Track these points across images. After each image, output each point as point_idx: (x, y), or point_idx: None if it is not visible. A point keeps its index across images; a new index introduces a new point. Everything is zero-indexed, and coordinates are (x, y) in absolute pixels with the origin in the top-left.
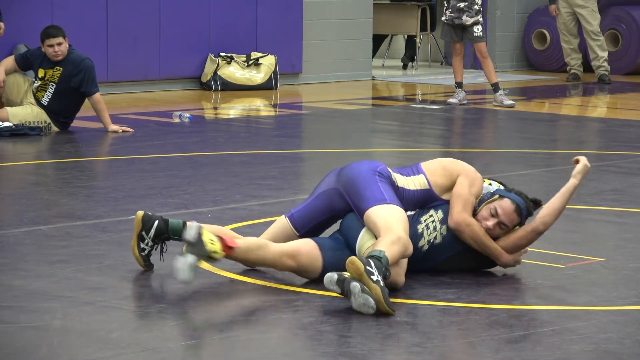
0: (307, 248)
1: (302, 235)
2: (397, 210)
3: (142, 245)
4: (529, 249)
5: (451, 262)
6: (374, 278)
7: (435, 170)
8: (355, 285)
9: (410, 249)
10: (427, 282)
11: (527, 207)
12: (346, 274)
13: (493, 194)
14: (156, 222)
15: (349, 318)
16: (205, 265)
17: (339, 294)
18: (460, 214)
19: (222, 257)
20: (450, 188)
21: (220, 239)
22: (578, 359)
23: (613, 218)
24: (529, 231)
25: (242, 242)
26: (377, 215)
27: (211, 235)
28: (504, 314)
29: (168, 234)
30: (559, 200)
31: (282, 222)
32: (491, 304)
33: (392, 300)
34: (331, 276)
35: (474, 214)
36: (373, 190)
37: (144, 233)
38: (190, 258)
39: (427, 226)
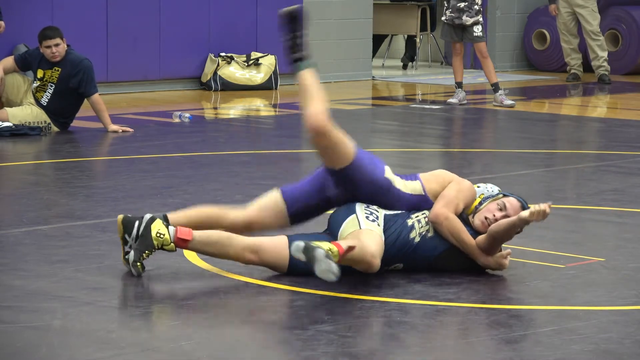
0: (271, 244)
1: (292, 214)
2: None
3: (126, 249)
4: (528, 249)
5: (446, 257)
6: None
7: (430, 178)
8: (320, 251)
9: (372, 269)
10: (427, 282)
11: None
12: (315, 243)
13: (496, 194)
14: (136, 223)
15: (349, 318)
16: (205, 265)
17: (304, 261)
18: (440, 209)
19: (175, 249)
20: (441, 190)
21: (176, 230)
22: (578, 359)
23: (613, 218)
24: (487, 232)
25: (199, 234)
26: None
27: (160, 228)
28: (504, 314)
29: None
30: (504, 224)
31: (273, 195)
32: (491, 304)
33: (390, 299)
34: (298, 244)
35: (475, 212)
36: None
37: (126, 236)
38: (130, 255)
39: (418, 220)
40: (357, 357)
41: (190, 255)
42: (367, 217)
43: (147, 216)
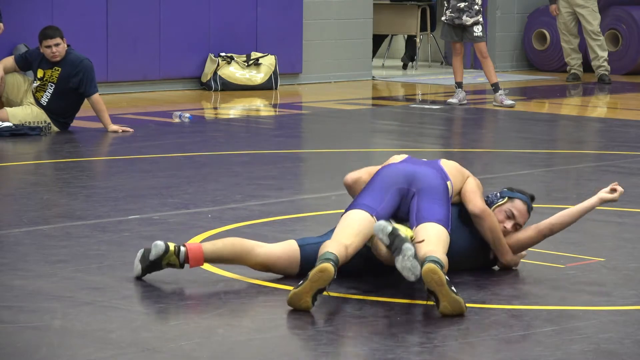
0: (281, 259)
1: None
2: (448, 238)
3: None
4: (529, 249)
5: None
6: (454, 289)
7: (455, 176)
8: (409, 248)
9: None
10: None
11: (531, 204)
12: (400, 229)
13: (499, 195)
14: (152, 252)
15: (349, 318)
16: (205, 265)
17: (386, 245)
18: (483, 203)
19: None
20: (461, 185)
21: (187, 256)
22: (578, 359)
23: (613, 218)
24: (536, 232)
25: (210, 254)
26: (435, 232)
27: (171, 258)
28: (504, 314)
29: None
30: (572, 215)
31: (369, 220)
32: (491, 304)
33: (390, 300)
34: (385, 226)
35: None
36: (443, 208)
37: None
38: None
39: None
40: (357, 357)
41: None
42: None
43: (160, 246)
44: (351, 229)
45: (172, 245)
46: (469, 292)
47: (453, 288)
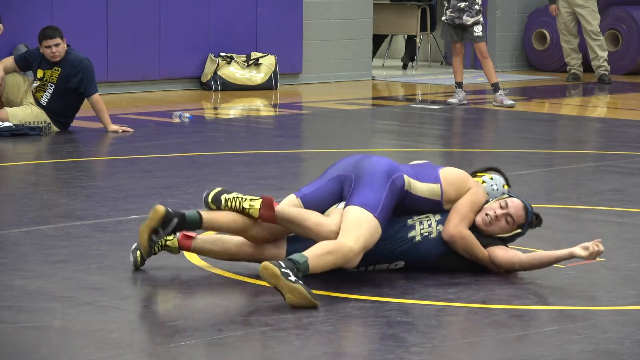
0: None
1: None
2: (373, 224)
3: (153, 238)
4: (529, 249)
5: (449, 257)
6: (292, 278)
7: (451, 184)
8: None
9: (353, 263)
10: (427, 282)
11: (533, 216)
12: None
13: (500, 196)
14: (175, 221)
15: (349, 318)
16: (205, 265)
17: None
18: (455, 227)
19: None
20: (455, 198)
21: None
22: (578, 359)
23: (613, 218)
24: (512, 261)
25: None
26: (353, 215)
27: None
28: (504, 314)
29: (185, 227)
30: (543, 261)
31: (293, 202)
32: (491, 304)
33: (390, 300)
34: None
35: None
36: (374, 193)
37: (160, 229)
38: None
39: (420, 222)
40: (357, 357)
41: (190, 255)
42: None
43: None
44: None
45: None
46: (469, 292)
47: (291, 277)
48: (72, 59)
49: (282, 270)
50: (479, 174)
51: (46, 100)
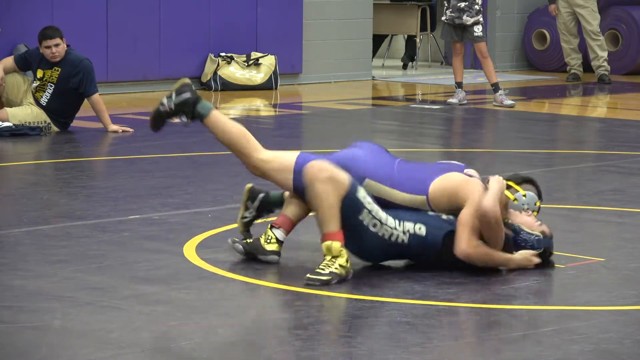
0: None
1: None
2: (288, 155)
3: (245, 214)
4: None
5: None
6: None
7: (440, 194)
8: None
9: (250, 162)
10: (427, 282)
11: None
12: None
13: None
14: (260, 195)
15: (349, 318)
16: (205, 265)
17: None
18: (467, 243)
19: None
20: (451, 206)
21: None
22: (578, 359)
23: (613, 218)
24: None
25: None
26: None
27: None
28: (504, 314)
29: (271, 206)
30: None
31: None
32: (491, 304)
33: (390, 299)
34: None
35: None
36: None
37: (249, 203)
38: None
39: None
40: (357, 357)
41: (190, 255)
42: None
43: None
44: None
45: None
46: (469, 292)
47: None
48: (72, 59)
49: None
50: (513, 185)
51: (46, 100)
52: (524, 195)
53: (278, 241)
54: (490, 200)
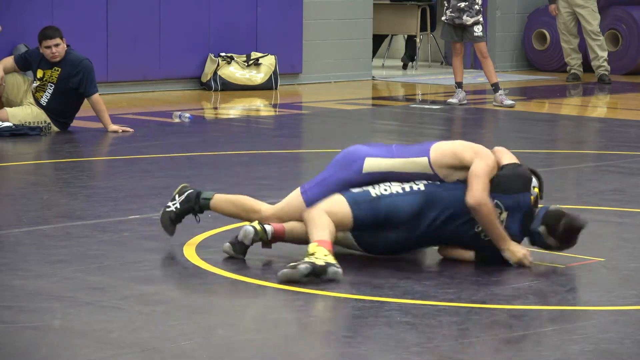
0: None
1: None
2: (294, 198)
3: (169, 203)
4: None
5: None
6: (169, 205)
7: (445, 153)
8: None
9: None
10: (427, 282)
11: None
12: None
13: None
14: (189, 191)
15: (349, 318)
16: (205, 265)
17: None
18: (480, 192)
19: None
20: (452, 167)
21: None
22: (578, 359)
23: (613, 218)
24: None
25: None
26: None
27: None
28: (504, 314)
29: (198, 206)
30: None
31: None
32: (491, 304)
33: (390, 299)
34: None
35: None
36: (317, 176)
37: (176, 195)
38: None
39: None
40: (357, 357)
41: (190, 255)
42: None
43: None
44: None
45: (258, 226)
46: (469, 292)
47: (169, 204)
48: (72, 59)
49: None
50: None
51: (46, 100)
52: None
53: (264, 229)
54: (480, 190)
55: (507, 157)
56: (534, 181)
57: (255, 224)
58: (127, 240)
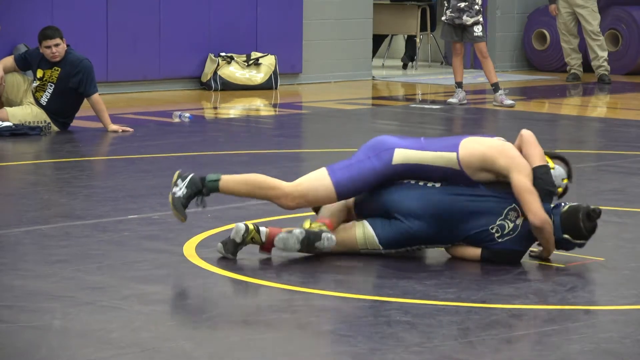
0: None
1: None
2: (322, 178)
3: (174, 189)
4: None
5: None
6: (175, 191)
7: (474, 154)
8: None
9: (283, 203)
10: (427, 282)
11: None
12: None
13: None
14: (191, 174)
15: (349, 318)
16: (205, 265)
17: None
18: (542, 211)
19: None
20: (483, 170)
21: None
22: (578, 359)
23: (613, 218)
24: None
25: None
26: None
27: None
28: (504, 314)
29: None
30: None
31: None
32: (491, 304)
33: (390, 299)
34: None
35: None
36: (345, 161)
37: (179, 181)
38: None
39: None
40: (357, 357)
41: (190, 255)
42: None
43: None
44: None
45: (251, 225)
46: (469, 292)
47: (175, 190)
48: (72, 59)
49: (178, 177)
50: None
51: (46, 100)
52: (553, 168)
53: (257, 229)
54: (540, 209)
55: (536, 152)
56: (563, 172)
57: (249, 223)
58: (127, 240)
